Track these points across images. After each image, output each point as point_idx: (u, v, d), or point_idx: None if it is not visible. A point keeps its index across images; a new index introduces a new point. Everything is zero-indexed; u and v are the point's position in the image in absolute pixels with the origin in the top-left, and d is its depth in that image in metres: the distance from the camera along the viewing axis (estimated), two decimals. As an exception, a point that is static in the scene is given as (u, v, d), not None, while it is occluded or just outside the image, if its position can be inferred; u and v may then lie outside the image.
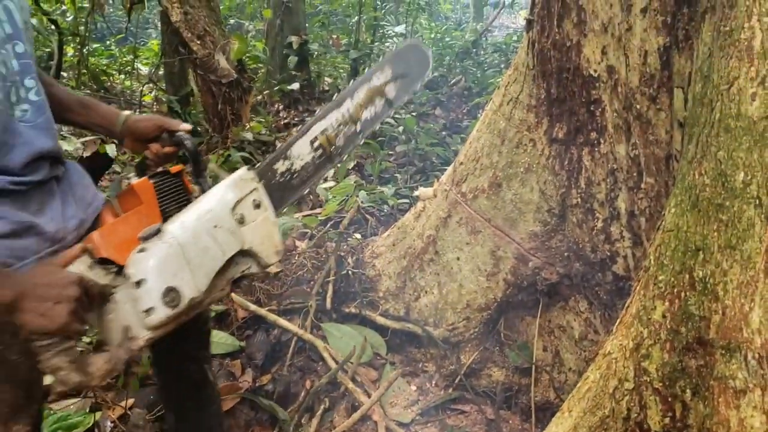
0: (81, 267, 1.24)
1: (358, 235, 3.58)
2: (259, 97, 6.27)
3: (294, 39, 6.42)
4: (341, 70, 6.95)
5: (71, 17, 6.13)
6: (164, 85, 5.36)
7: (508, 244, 2.41)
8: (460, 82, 6.75)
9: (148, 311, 1.26)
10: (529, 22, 2.16)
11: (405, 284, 2.73)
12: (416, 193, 2.84)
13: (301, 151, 1.71)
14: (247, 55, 6.63)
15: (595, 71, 1.98)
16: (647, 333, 1.54)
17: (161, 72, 5.69)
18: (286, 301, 2.85)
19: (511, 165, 2.35)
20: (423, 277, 2.68)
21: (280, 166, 1.68)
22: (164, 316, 1.27)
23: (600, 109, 2.00)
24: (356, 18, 6.55)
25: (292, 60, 6.38)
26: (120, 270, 1.27)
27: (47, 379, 1.19)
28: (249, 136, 5.02)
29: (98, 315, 1.27)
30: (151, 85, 5.84)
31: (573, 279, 2.27)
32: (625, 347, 1.57)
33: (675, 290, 1.52)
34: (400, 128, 5.27)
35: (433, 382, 2.58)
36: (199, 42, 2.97)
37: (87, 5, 5.96)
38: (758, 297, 1.46)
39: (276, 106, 6.53)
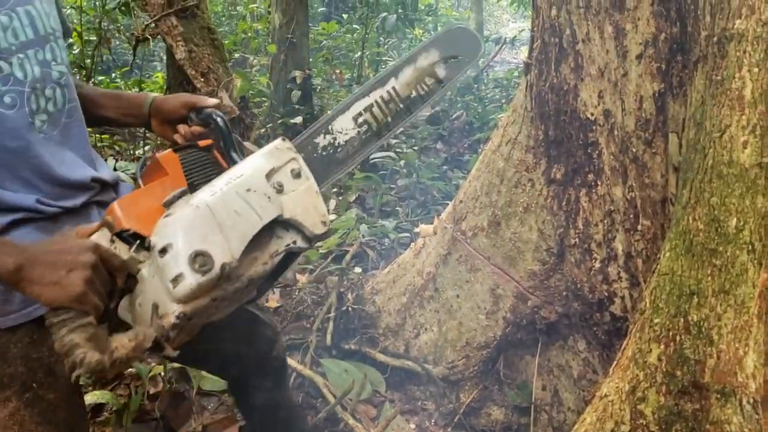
0: (101, 241, 1.10)
1: (359, 269, 3.60)
2: (263, 131, 6.34)
3: (298, 74, 6.51)
4: (344, 105, 7.03)
5: (78, 50, 6.24)
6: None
7: (508, 282, 2.43)
8: (462, 117, 6.82)
9: (176, 279, 1.08)
10: (528, 66, 2.21)
11: (405, 321, 2.74)
12: (416, 229, 2.87)
13: (345, 126, 1.59)
14: (251, 89, 6.74)
15: (592, 115, 2.02)
16: (643, 376, 1.56)
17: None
18: (286, 336, 2.86)
19: (510, 204, 2.38)
20: (423, 315, 2.70)
21: (322, 140, 1.56)
22: (195, 283, 1.08)
23: (597, 152, 2.04)
24: (359, 53, 6.66)
25: (296, 94, 6.46)
26: (144, 241, 1.11)
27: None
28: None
29: (129, 304, 1.13)
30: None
31: (571, 318, 2.28)
32: (622, 390, 1.58)
33: (670, 333, 1.53)
34: (402, 162, 5.32)
35: (432, 421, 2.57)
36: (202, 79, 3.04)
37: (94, 38, 6.07)
38: (752, 341, 1.48)
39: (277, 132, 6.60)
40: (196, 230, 1.11)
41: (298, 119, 6.49)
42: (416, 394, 2.68)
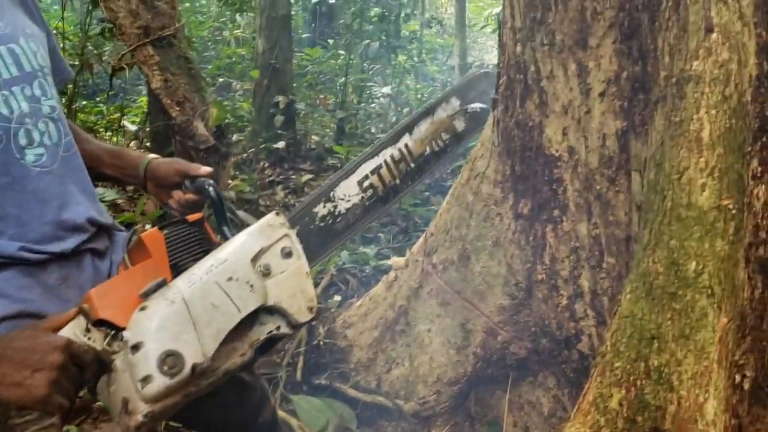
0: (75, 330, 1.09)
1: (338, 297, 3.57)
2: (245, 155, 6.33)
3: (281, 99, 6.51)
4: (328, 130, 7.04)
5: (61, 75, 6.23)
6: (149, 143, 5.40)
7: (478, 317, 2.40)
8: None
9: (145, 380, 1.06)
10: (495, 101, 2.20)
11: (377, 355, 2.70)
12: (389, 262, 2.85)
13: (347, 192, 1.55)
14: (233, 114, 6.73)
15: (557, 151, 2.01)
16: (604, 421, 1.52)
17: (148, 129, 5.73)
18: (256, 372, 2.81)
19: (479, 238, 2.36)
20: (394, 349, 2.66)
21: (321, 210, 1.51)
22: (162, 386, 1.07)
23: (562, 188, 2.02)
24: (343, 79, 6.68)
25: (279, 119, 6.46)
26: (118, 333, 1.10)
27: None
28: (232, 194, 5.05)
29: (103, 386, 1.11)
30: (136, 142, 5.89)
31: (541, 355, 2.25)
32: (583, 436, 1.55)
33: (631, 378, 1.50)
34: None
35: (403, 458, 2.53)
36: (178, 108, 3.02)
37: (77, 63, 6.06)
38: (712, 388, 1.45)
39: (261, 164, 6.58)
40: (168, 329, 1.09)
41: (281, 144, 6.48)
42: (387, 430, 2.63)
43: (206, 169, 1.44)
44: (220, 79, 7.44)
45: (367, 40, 6.54)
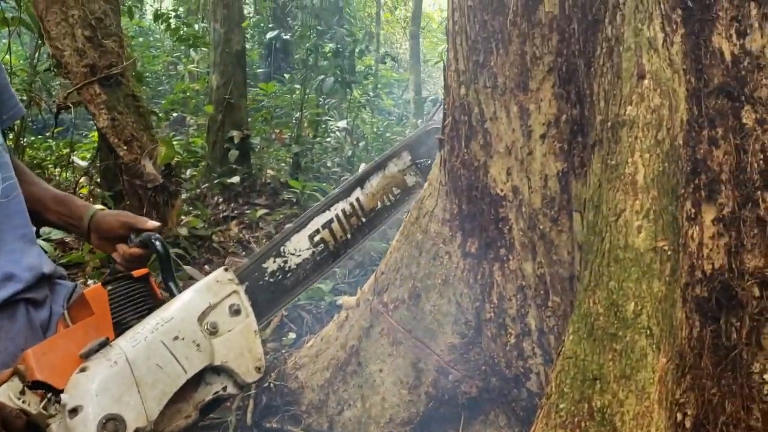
0: (9, 393, 1.04)
1: (293, 335, 3.52)
2: (198, 191, 6.25)
3: (235, 134, 6.47)
4: (283, 164, 7.02)
5: (9, 110, 6.09)
6: (99, 179, 5.30)
7: (429, 356, 2.38)
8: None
9: None
10: (441, 142, 2.23)
11: (328, 397, 2.66)
12: (339, 301, 2.82)
13: (298, 247, 1.52)
14: (187, 150, 6.66)
15: (502, 191, 2.03)
16: (550, 464, 1.52)
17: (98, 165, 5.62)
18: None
19: (429, 276, 2.36)
20: (346, 390, 2.62)
21: (271, 265, 1.49)
22: None
23: (507, 227, 2.04)
24: (298, 114, 6.69)
25: (233, 154, 6.41)
26: (58, 395, 1.06)
27: None
28: (184, 231, 4.96)
29: None
30: (86, 178, 5.76)
31: (491, 393, 2.25)
32: (529, 480, 1.54)
33: (575, 419, 1.51)
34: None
35: (355, 503, 2.47)
36: (125, 147, 2.97)
37: (25, 98, 5.93)
38: (654, 428, 1.46)
39: (216, 199, 6.51)
40: (110, 391, 1.05)
41: (236, 179, 6.42)
42: (340, 473, 2.58)
43: (153, 224, 1.41)
44: (174, 114, 7.36)
45: (322, 75, 6.58)
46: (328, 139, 7.23)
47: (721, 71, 1.54)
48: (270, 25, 7.68)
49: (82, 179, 5.94)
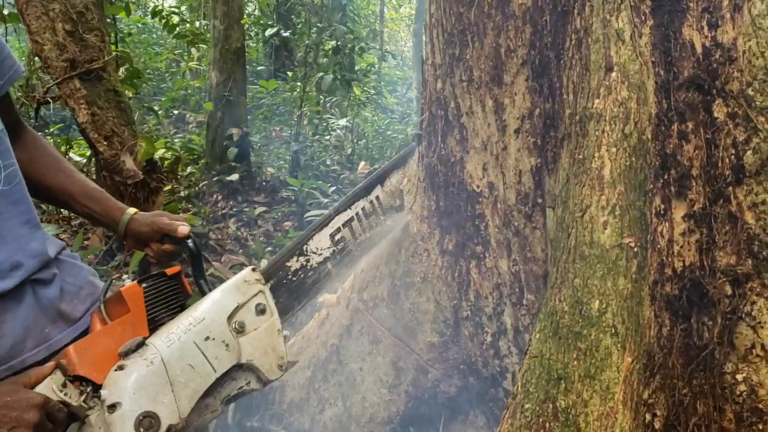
0: (52, 386, 1.11)
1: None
2: (197, 188, 6.25)
3: (234, 131, 6.46)
4: (283, 162, 7.00)
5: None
6: (95, 177, 5.30)
7: (408, 354, 2.35)
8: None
9: None
10: (419, 137, 2.19)
11: (309, 395, 2.63)
12: (320, 299, 2.80)
13: (320, 245, 1.56)
14: (186, 147, 6.65)
15: (478, 187, 2.00)
16: (514, 465, 1.48)
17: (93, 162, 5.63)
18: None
19: (408, 274, 2.33)
20: (327, 389, 2.59)
21: (294, 264, 1.53)
22: None
23: (484, 224, 2.01)
24: (299, 112, 6.66)
25: (232, 151, 6.40)
26: (97, 389, 1.14)
27: None
28: (181, 228, 4.96)
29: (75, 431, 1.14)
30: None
31: (469, 393, 2.21)
32: (492, 481, 1.51)
33: (540, 420, 1.47)
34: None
35: (334, 503, 2.45)
36: (105, 143, 2.95)
37: (21, 94, 5.96)
38: (618, 429, 1.43)
39: (214, 196, 6.50)
40: (146, 390, 1.13)
41: (235, 176, 6.41)
42: (320, 473, 2.55)
43: (184, 231, 1.45)
44: (175, 112, 7.36)
45: (322, 72, 6.55)
46: (328, 137, 7.20)
47: (692, 64, 1.49)
48: (270, 23, 7.65)
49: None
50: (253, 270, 1.38)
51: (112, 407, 1.11)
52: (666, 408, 1.57)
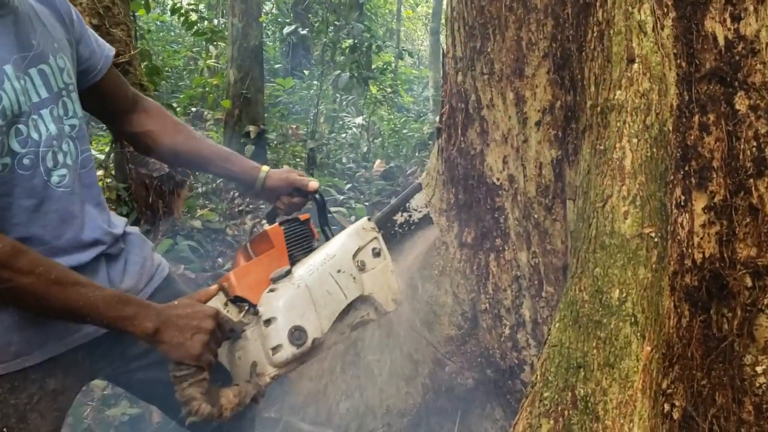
0: (217, 304, 1.30)
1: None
2: (214, 185, 6.29)
3: (251, 128, 6.51)
4: (299, 159, 7.04)
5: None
6: (114, 171, 5.35)
7: (426, 347, 2.37)
8: (416, 173, 6.85)
9: (276, 348, 1.30)
10: (438, 130, 2.21)
11: (327, 387, 2.66)
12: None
13: (420, 204, 1.70)
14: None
15: (498, 179, 2.01)
16: (533, 453, 1.50)
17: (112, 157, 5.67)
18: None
19: (426, 267, 2.35)
20: (344, 380, 2.62)
21: (399, 218, 1.73)
22: (290, 354, 1.30)
23: (503, 217, 2.02)
24: (315, 110, 6.70)
25: (249, 149, 6.44)
26: (252, 308, 1.34)
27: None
28: (198, 223, 4.99)
29: (228, 351, 1.33)
30: (103, 171, 5.84)
31: (487, 385, 2.23)
32: (511, 468, 1.52)
33: (559, 408, 1.48)
34: (352, 218, 5.30)
35: (351, 492, 2.47)
36: (132, 137, 2.98)
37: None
38: (637, 417, 1.44)
39: (231, 193, 6.55)
40: (295, 308, 1.33)
41: (252, 174, 6.46)
42: (338, 463, 2.58)
43: (314, 186, 1.63)
44: (193, 109, 7.42)
45: (338, 70, 6.58)
46: (344, 135, 7.23)
47: (714, 56, 1.50)
48: (287, 21, 7.70)
49: (99, 172, 6.01)
50: (369, 220, 1.55)
51: (268, 321, 1.31)
52: (684, 399, 1.58)
